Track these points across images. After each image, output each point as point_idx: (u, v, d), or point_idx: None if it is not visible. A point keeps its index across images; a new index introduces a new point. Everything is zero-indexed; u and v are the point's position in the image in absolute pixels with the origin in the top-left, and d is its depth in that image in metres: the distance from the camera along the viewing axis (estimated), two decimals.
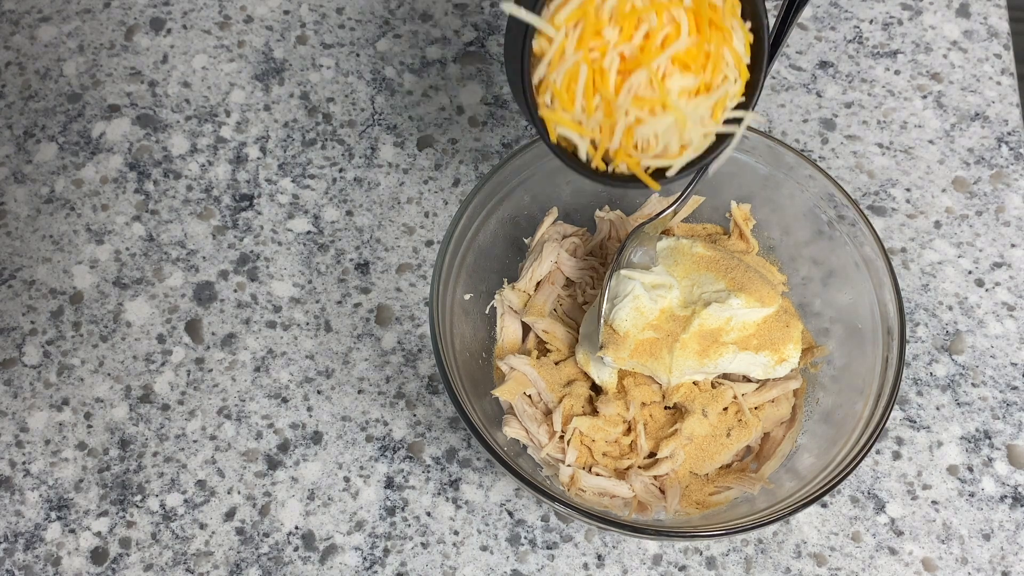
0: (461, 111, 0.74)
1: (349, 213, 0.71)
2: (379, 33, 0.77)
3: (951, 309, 0.68)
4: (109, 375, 0.66)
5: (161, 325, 0.67)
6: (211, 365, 0.66)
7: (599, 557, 0.61)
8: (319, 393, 0.65)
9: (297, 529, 0.62)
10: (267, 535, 0.61)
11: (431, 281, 0.60)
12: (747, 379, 0.60)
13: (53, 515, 0.62)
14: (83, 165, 0.72)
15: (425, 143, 0.73)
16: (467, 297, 0.61)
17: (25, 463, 0.63)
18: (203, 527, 0.62)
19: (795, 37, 0.77)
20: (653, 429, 0.59)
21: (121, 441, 0.64)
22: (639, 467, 0.59)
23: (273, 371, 0.66)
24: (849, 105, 0.75)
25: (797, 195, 0.62)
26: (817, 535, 0.61)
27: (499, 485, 0.63)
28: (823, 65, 0.76)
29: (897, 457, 0.63)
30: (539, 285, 0.63)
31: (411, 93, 0.75)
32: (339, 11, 0.78)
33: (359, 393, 0.65)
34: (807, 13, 0.78)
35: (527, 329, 0.63)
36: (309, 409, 0.65)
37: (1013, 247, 0.70)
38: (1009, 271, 0.69)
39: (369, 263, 0.69)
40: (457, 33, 0.77)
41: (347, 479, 0.63)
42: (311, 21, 0.78)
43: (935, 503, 0.62)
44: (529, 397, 0.60)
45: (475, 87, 0.75)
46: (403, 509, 0.62)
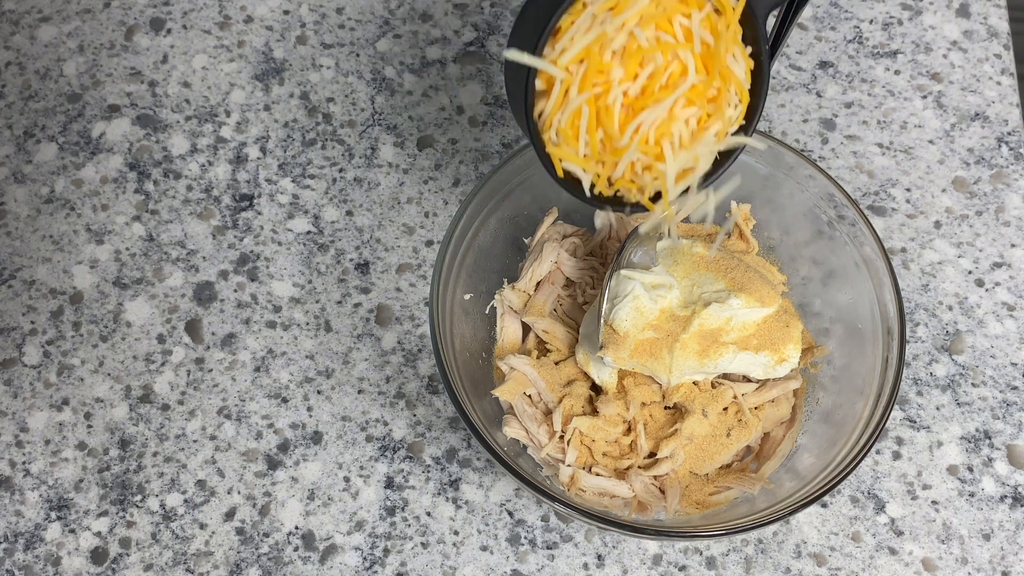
0: (461, 111, 0.74)
1: (349, 213, 0.71)
2: (379, 33, 0.77)
3: (951, 309, 0.68)
4: (109, 375, 0.66)
5: (161, 325, 0.67)
6: (211, 365, 0.66)
7: (599, 557, 0.61)
8: (319, 393, 0.65)
9: (297, 529, 0.62)
10: (267, 535, 0.61)
11: (431, 281, 0.60)
12: (747, 379, 0.60)
13: (53, 515, 0.62)
14: (83, 165, 0.72)
15: (425, 143, 0.73)
16: (467, 297, 0.61)
17: (25, 463, 0.63)
18: (203, 527, 0.62)
19: (795, 37, 0.77)
20: (653, 429, 0.59)
21: (121, 441, 0.64)
22: (639, 467, 0.59)
23: (273, 371, 0.66)
24: (849, 105, 0.75)
25: (797, 195, 0.62)
26: (817, 535, 0.61)
27: (499, 485, 0.63)
28: (823, 65, 0.76)
29: (897, 457, 0.63)
30: (539, 285, 0.63)
31: (411, 93, 0.75)
32: (339, 11, 0.78)
33: (359, 393, 0.65)
34: (807, 13, 0.78)
35: (527, 329, 0.63)
36: (309, 409, 0.65)
37: (1013, 247, 0.70)
38: (1009, 271, 0.69)
39: (369, 263, 0.69)
40: (457, 33, 0.77)
41: (347, 479, 0.63)
42: (311, 21, 0.78)
43: (935, 503, 0.62)
44: (529, 397, 0.60)
45: (475, 87, 0.75)
46: (403, 509, 0.62)
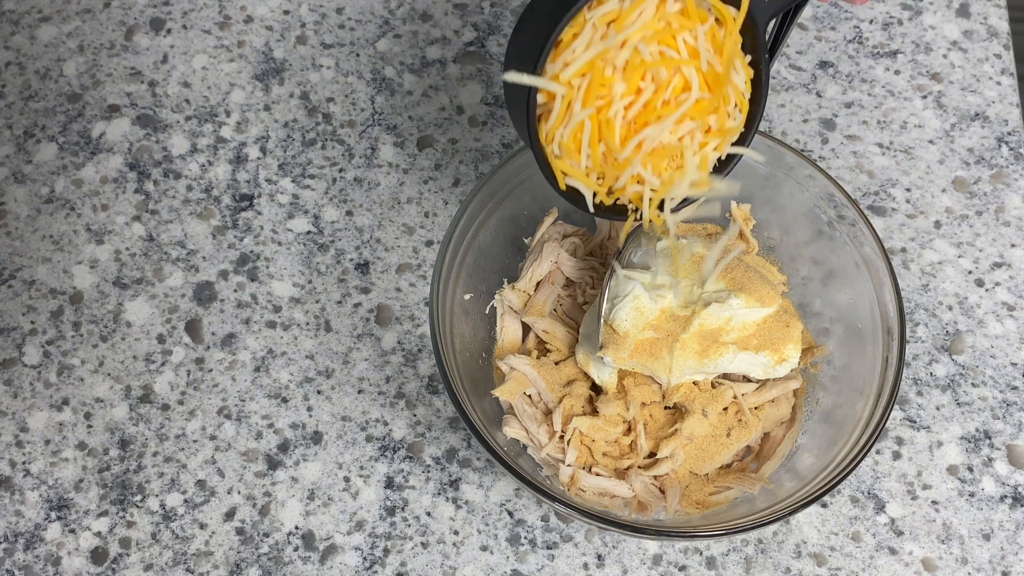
0: (461, 111, 0.74)
1: (349, 213, 0.71)
2: (379, 33, 0.77)
3: (951, 309, 0.68)
4: (109, 375, 0.66)
5: (161, 325, 0.67)
6: (211, 365, 0.66)
7: (599, 557, 0.61)
8: (319, 393, 0.65)
9: (297, 529, 0.62)
10: (267, 535, 0.61)
11: (431, 281, 0.60)
12: (747, 379, 0.60)
13: (53, 515, 0.62)
14: (83, 165, 0.72)
15: (425, 143, 0.73)
16: (467, 297, 0.61)
17: (25, 463, 0.63)
18: (203, 527, 0.62)
19: (795, 37, 0.77)
20: (653, 429, 0.59)
21: (121, 441, 0.64)
22: (639, 467, 0.59)
23: (273, 371, 0.66)
24: (849, 105, 0.75)
25: (797, 195, 0.62)
26: (817, 535, 0.61)
27: (499, 485, 0.63)
28: (823, 65, 0.76)
29: (897, 457, 0.63)
30: (539, 285, 0.63)
31: (411, 93, 0.75)
32: (339, 11, 0.78)
33: (359, 393, 0.65)
34: (807, 13, 0.78)
35: (527, 329, 0.63)
36: (309, 409, 0.65)
37: (1013, 247, 0.70)
38: (1009, 271, 0.69)
39: (369, 263, 0.69)
40: (457, 33, 0.77)
41: (347, 479, 0.63)
42: (311, 21, 0.78)
43: (935, 503, 0.62)
44: (529, 397, 0.60)
45: (475, 87, 0.75)
46: (403, 509, 0.62)
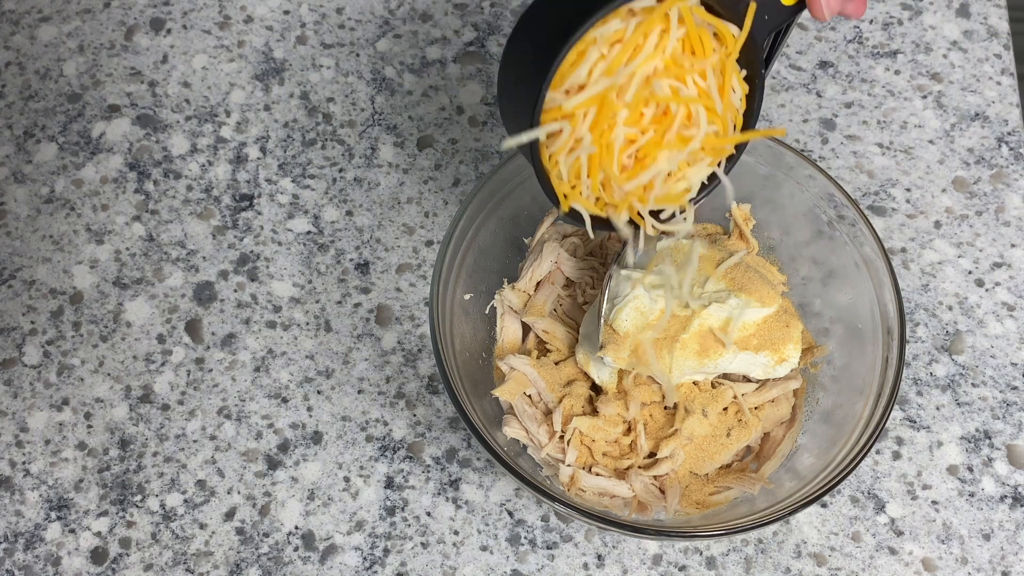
0: (461, 111, 0.74)
1: (349, 213, 0.71)
2: (379, 33, 0.77)
3: (951, 309, 0.68)
4: (109, 375, 0.66)
5: (161, 325, 0.67)
6: (211, 365, 0.66)
7: (599, 557, 0.61)
8: (319, 393, 0.65)
9: (297, 529, 0.62)
10: (267, 535, 0.61)
11: (431, 281, 0.60)
12: (747, 379, 0.60)
13: (53, 515, 0.62)
14: (83, 165, 0.72)
15: (425, 143, 0.73)
16: (467, 297, 0.61)
17: (25, 463, 0.63)
18: (203, 527, 0.62)
19: (795, 37, 0.77)
20: (653, 429, 0.59)
21: (121, 441, 0.64)
22: (639, 467, 0.59)
23: (273, 371, 0.66)
24: (849, 105, 0.75)
25: (797, 195, 0.62)
26: (817, 535, 0.61)
27: (499, 485, 0.63)
28: (823, 65, 0.76)
29: (897, 457, 0.63)
30: (539, 285, 0.63)
31: (411, 93, 0.75)
32: (339, 11, 0.78)
33: (359, 393, 0.65)
34: (807, 13, 0.78)
35: (527, 329, 0.63)
36: (309, 409, 0.65)
37: (1013, 247, 0.70)
38: (1009, 271, 0.69)
39: (369, 263, 0.69)
40: (457, 33, 0.77)
41: (347, 479, 0.63)
42: (311, 21, 0.78)
43: (935, 503, 0.62)
44: (529, 397, 0.60)
45: (475, 87, 0.75)
46: (403, 509, 0.62)
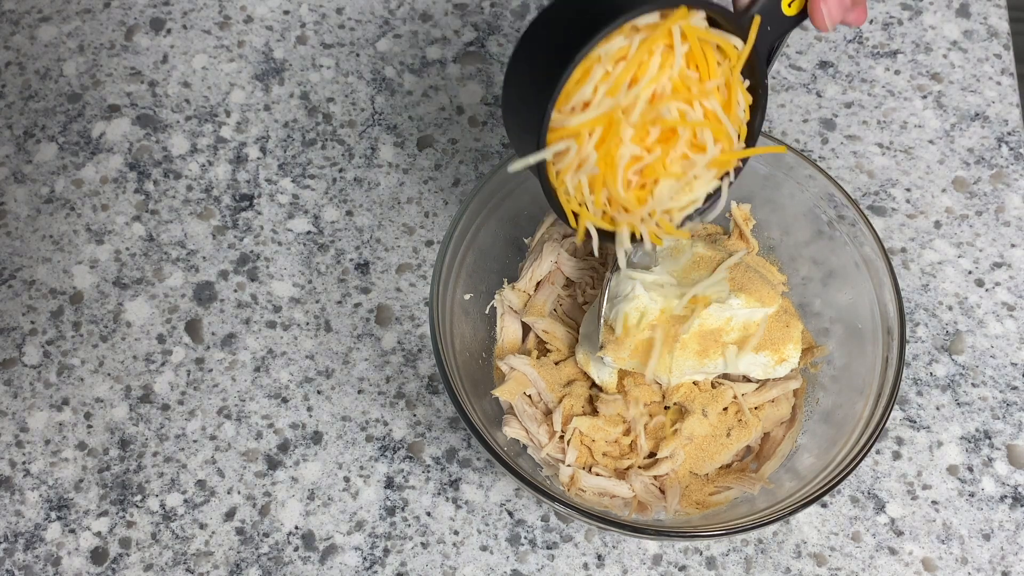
0: (461, 111, 0.74)
1: (349, 213, 0.71)
2: (379, 33, 0.77)
3: (951, 309, 0.68)
4: (109, 375, 0.66)
5: (161, 325, 0.67)
6: (211, 365, 0.66)
7: (599, 557, 0.61)
8: (319, 393, 0.65)
9: (297, 529, 0.62)
10: (267, 535, 0.61)
11: (431, 281, 0.60)
12: (747, 379, 0.60)
13: (53, 515, 0.62)
14: (83, 165, 0.72)
15: (425, 143, 0.73)
16: (467, 297, 0.61)
17: (25, 463, 0.63)
18: (203, 527, 0.62)
19: (795, 37, 0.77)
20: (653, 429, 0.59)
21: (121, 441, 0.64)
22: (639, 467, 0.59)
23: (273, 371, 0.66)
24: (849, 105, 0.75)
25: (797, 195, 0.62)
26: (817, 535, 0.61)
27: (499, 485, 0.63)
28: (823, 65, 0.76)
29: (897, 457, 0.63)
30: (539, 285, 0.63)
31: (411, 93, 0.75)
32: (339, 11, 0.78)
33: (359, 393, 0.65)
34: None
35: (527, 329, 0.63)
36: (309, 409, 0.65)
37: (1013, 247, 0.70)
38: (1009, 271, 0.69)
39: (369, 263, 0.69)
40: (457, 33, 0.77)
41: (347, 479, 0.63)
42: (311, 21, 0.78)
43: (935, 503, 0.62)
44: (529, 397, 0.60)
45: (475, 87, 0.75)
46: (403, 509, 0.62)
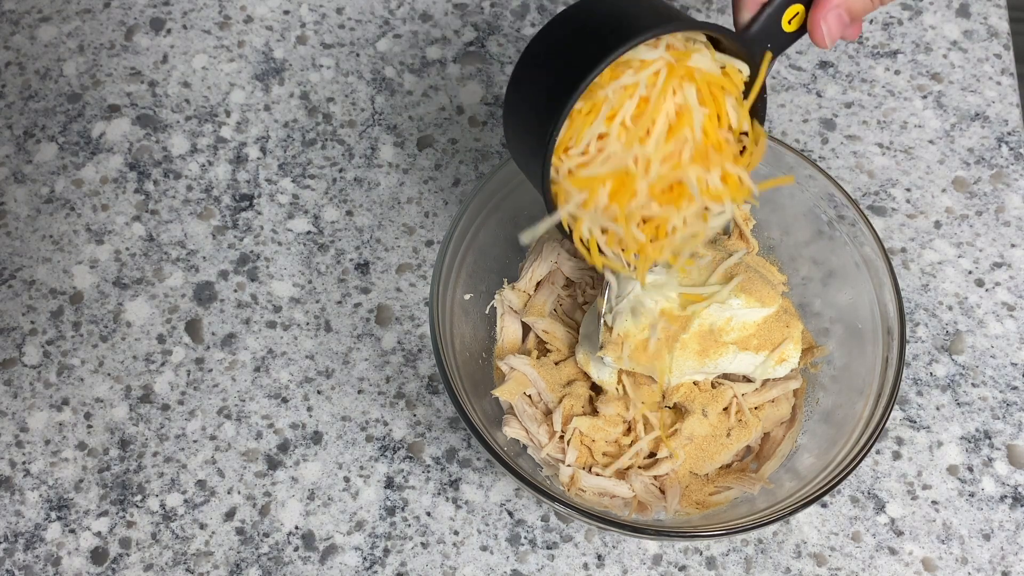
0: (461, 111, 0.74)
1: (349, 213, 0.71)
2: (379, 33, 0.77)
3: (951, 309, 0.68)
4: (109, 375, 0.66)
5: (161, 325, 0.67)
6: (211, 365, 0.66)
7: (599, 557, 0.61)
8: (319, 393, 0.65)
9: (297, 529, 0.62)
10: (267, 535, 0.61)
11: (431, 281, 0.60)
12: (747, 379, 0.60)
13: (53, 515, 0.62)
14: (83, 165, 0.72)
15: (425, 143, 0.73)
16: (467, 297, 0.61)
17: (25, 463, 0.63)
18: (203, 527, 0.62)
19: None
20: (653, 429, 0.59)
21: (121, 441, 0.64)
22: (639, 467, 0.59)
23: (273, 371, 0.66)
24: (849, 105, 0.75)
25: (797, 195, 0.62)
26: (817, 535, 0.61)
27: (499, 485, 0.63)
28: (823, 65, 0.76)
29: (897, 457, 0.63)
30: (539, 285, 0.63)
31: (411, 93, 0.75)
32: (339, 11, 0.78)
33: (359, 393, 0.65)
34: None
35: (527, 329, 0.63)
36: (309, 409, 0.65)
37: (1013, 247, 0.70)
38: (1009, 271, 0.69)
39: (369, 263, 0.69)
40: (457, 33, 0.77)
41: (347, 479, 0.63)
42: (311, 21, 0.78)
43: (935, 503, 0.62)
44: (529, 397, 0.60)
45: (475, 87, 0.75)
46: (403, 509, 0.62)
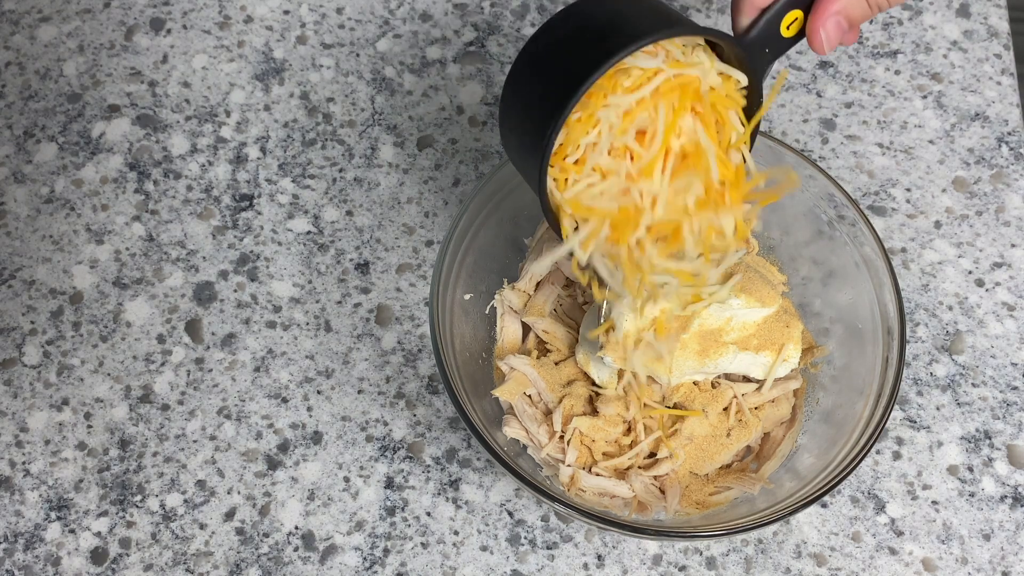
0: (461, 111, 0.74)
1: (349, 213, 0.71)
2: (379, 33, 0.77)
3: (951, 309, 0.68)
4: (109, 375, 0.66)
5: (161, 325, 0.67)
6: (211, 365, 0.66)
7: (599, 557, 0.61)
8: (319, 393, 0.65)
9: (297, 529, 0.62)
10: (267, 535, 0.61)
11: (431, 281, 0.60)
12: (747, 379, 0.60)
13: (53, 515, 0.62)
14: (83, 165, 0.72)
15: (425, 143, 0.73)
16: (467, 297, 0.61)
17: (25, 463, 0.63)
18: (203, 527, 0.62)
19: None
20: (653, 429, 0.59)
21: (121, 441, 0.64)
22: (639, 467, 0.59)
23: (273, 371, 0.66)
24: (849, 105, 0.75)
25: (797, 195, 0.62)
26: (817, 535, 0.61)
27: (499, 485, 0.63)
28: (823, 65, 0.76)
29: (897, 457, 0.63)
30: (539, 285, 0.63)
31: (411, 93, 0.75)
32: (339, 11, 0.78)
33: (359, 393, 0.65)
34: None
35: (527, 329, 0.63)
36: (309, 409, 0.65)
37: (1013, 247, 0.70)
38: (1009, 271, 0.69)
39: (369, 263, 0.69)
40: (457, 33, 0.77)
41: (347, 479, 0.63)
42: (311, 21, 0.78)
43: (935, 503, 0.62)
44: (529, 397, 0.60)
45: (475, 87, 0.75)
46: (403, 509, 0.62)
